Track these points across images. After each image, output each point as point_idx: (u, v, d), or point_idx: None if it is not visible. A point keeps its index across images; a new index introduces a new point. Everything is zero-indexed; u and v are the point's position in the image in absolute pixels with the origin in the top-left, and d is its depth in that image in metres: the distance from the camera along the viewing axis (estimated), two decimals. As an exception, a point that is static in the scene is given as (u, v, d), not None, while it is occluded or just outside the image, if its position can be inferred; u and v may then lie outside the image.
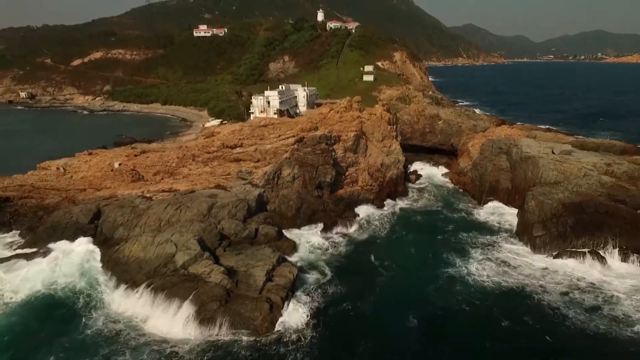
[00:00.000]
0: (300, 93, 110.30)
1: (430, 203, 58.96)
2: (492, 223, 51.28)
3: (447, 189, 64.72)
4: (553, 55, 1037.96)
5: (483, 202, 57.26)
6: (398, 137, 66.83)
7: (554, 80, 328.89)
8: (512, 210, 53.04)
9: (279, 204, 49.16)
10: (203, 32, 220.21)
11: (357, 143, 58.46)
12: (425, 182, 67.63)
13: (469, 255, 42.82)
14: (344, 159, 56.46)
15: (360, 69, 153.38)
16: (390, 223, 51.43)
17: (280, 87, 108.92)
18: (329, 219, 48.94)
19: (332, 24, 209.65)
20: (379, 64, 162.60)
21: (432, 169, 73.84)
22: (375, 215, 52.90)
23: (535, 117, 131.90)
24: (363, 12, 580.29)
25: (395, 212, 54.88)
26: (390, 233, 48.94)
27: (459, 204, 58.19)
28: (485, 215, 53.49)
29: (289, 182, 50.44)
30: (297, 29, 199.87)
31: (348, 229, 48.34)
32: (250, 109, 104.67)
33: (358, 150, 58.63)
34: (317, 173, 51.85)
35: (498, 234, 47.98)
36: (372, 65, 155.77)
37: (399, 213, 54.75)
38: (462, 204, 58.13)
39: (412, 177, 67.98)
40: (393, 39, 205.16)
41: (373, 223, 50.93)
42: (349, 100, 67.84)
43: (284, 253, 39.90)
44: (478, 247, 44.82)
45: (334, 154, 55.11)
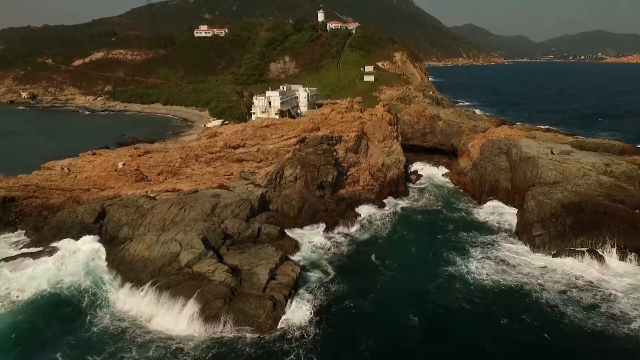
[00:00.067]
0: (301, 93, 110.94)
1: (431, 203, 59.46)
2: (491, 222, 51.76)
3: (447, 189, 65.21)
4: (553, 56, 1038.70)
5: (483, 201, 57.76)
6: (399, 137, 67.37)
7: (554, 81, 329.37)
8: (511, 210, 53.52)
9: (281, 204, 49.68)
10: (204, 32, 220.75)
11: (358, 143, 58.97)
12: (426, 182, 68.12)
13: (469, 254, 43.33)
14: (346, 159, 56.97)
15: (361, 69, 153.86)
16: (392, 223, 51.92)
17: (282, 87, 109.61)
18: (331, 219, 49.44)
19: (332, 25, 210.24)
20: (380, 64, 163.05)
21: (432, 169, 74.26)
22: (377, 215, 53.39)
23: (535, 117, 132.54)
24: (363, 12, 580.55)
25: (396, 211, 55.37)
26: (392, 232, 49.43)
27: (459, 204, 58.69)
28: (485, 215, 53.95)
29: (291, 182, 50.94)
30: (297, 30, 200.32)
31: (349, 229, 48.82)
32: (252, 109, 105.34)
33: (359, 151, 59.14)
34: (319, 173, 52.36)
35: (498, 234, 48.47)
36: (372, 66, 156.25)
37: (400, 213, 55.23)
38: (462, 204, 58.63)
39: (412, 177, 68.47)
40: (393, 39, 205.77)
41: (374, 223, 51.41)
42: (350, 101, 68.33)
43: (287, 252, 40.38)
44: (478, 246, 45.32)
45: (336, 154, 55.61)
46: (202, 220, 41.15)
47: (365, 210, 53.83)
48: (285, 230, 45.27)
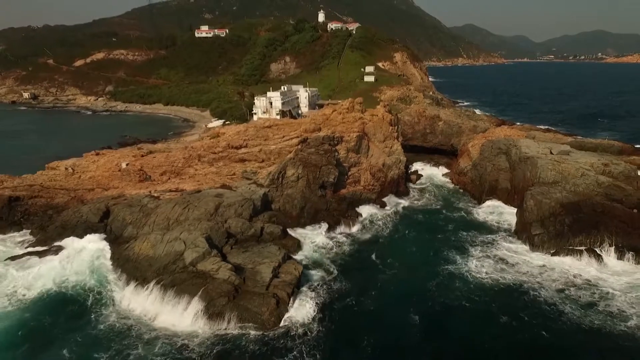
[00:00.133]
0: (302, 94, 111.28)
1: (431, 203, 59.97)
2: (491, 222, 52.25)
3: (447, 189, 65.73)
4: (553, 56, 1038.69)
5: (483, 201, 58.26)
6: (399, 137, 67.88)
7: (554, 81, 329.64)
8: (511, 210, 53.99)
9: (284, 203, 50.21)
10: (205, 32, 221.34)
11: (359, 144, 59.49)
12: (426, 182, 68.62)
13: (469, 253, 43.83)
14: (347, 159, 57.49)
15: (361, 70, 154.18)
16: (392, 222, 52.42)
17: (283, 88, 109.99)
18: (333, 218, 49.97)
19: (332, 25, 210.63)
20: (380, 65, 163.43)
21: (432, 169, 74.74)
22: (378, 215, 53.89)
23: (535, 117, 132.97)
24: (363, 12, 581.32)
25: (397, 211, 55.89)
26: (392, 232, 49.93)
27: (459, 204, 59.21)
28: (485, 215, 54.44)
29: (293, 182, 51.47)
30: (298, 30, 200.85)
31: (351, 228, 49.36)
32: (253, 110, 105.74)
33: (360, 151, 59.67)
34: (320, 173, 52.88)
35: (497, 233, 48.96)
36: (372, 66, 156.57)
37: (401, 212, 55.75)
38: (462, 204, 59.15)
39: (413, 177, 68.99)
40: (393, 40, 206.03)
41: (375, 222, 51.91)
42: (351, 102, 68.81)
43: (289, 251, 40.89)
44: (477, 245, 45.83)
45: (337, 155, 56.13)
46: (205, 220, 41.69)
47: (367, 210, 54.35)
48: (288, 230, 45.79)
